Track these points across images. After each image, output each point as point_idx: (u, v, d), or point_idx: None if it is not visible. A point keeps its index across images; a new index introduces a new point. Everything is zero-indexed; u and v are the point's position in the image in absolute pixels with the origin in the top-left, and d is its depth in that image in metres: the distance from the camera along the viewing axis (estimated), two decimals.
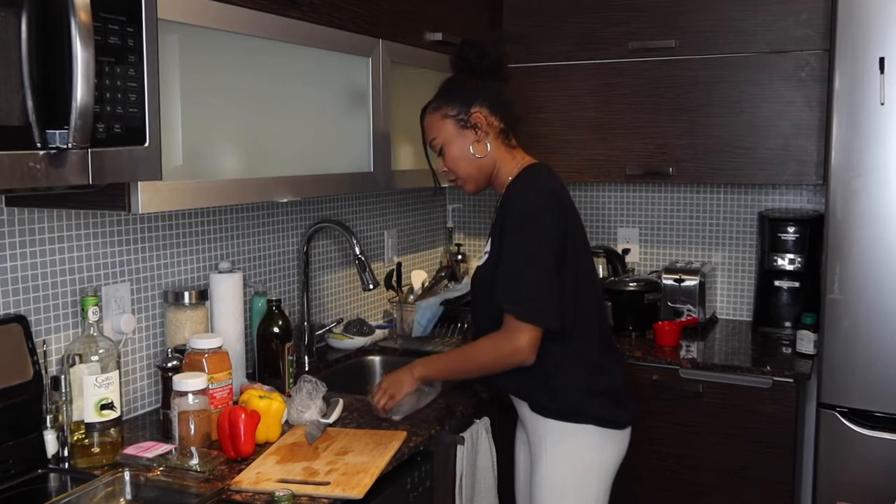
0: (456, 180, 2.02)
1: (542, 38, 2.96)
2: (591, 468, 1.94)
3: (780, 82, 2.66)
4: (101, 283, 1.93)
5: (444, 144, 1.98)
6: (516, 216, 1.86)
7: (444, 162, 2.01)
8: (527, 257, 1.83)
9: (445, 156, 2.00)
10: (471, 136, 1.96)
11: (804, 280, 2.81)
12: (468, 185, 2.01)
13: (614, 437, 1.96)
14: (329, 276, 2.75)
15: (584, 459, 1.94)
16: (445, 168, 2.02)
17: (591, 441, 1.93)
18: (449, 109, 1.97)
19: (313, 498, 1.56)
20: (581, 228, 1.98)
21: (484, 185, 2.02)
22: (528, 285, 1.82)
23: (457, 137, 1.97)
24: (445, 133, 1.97)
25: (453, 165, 1.99)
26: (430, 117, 2.01)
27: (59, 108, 1.26)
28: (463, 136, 1.96)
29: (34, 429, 1.68)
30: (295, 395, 1.96)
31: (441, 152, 2.00)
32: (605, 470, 1.96)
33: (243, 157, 1.87)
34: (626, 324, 2.85)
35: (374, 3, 2.24)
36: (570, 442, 1.93)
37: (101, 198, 1.58)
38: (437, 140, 1.99)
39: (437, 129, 1.99)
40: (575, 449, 1.93)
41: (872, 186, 2.32)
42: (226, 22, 1.73)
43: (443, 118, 1.97)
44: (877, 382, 2.35)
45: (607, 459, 1.96)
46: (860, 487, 2.37)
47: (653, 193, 3.24)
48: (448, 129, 1.97)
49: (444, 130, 1.97)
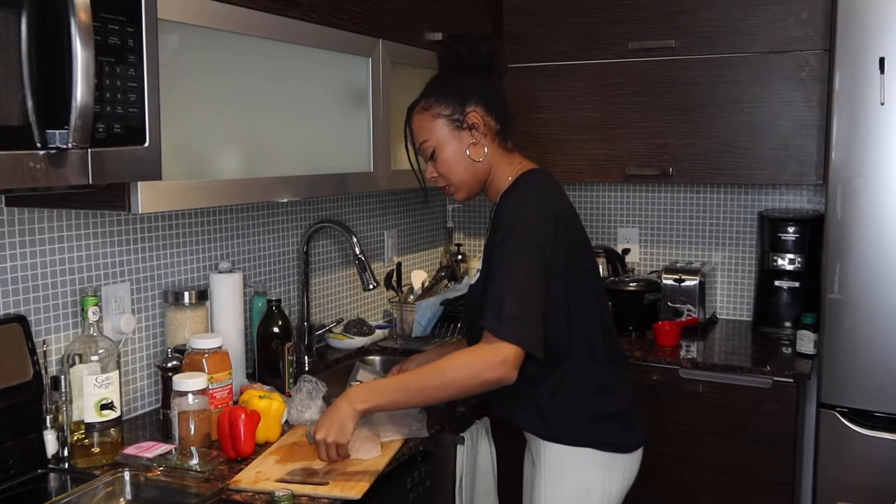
0: (447, 187, 1.82)
1: (542, 38, 2.95)
2: (594, 493, 1.79)
3: (780, 82, 2.66)
4: (101, 283, 1.93)
5: (436, 147, 1.77)
6: (506, 235, 1.68)
7: (435, 166, 1.80)
8: (513, 279, 1.64)
9: (438, 160, 1.78)
10: (467, 138, 1.77)
11: (804, 280, 2.81)
12: (460, 192, 1.81)
13: (621, 461, 1.81)
14: (329, 276, 2.75)
15: (586, 483, 1.78)
16: (436, 174, 1.80)
17: (594, 464, 1.78)
18: (441, 108, 1.76)
19: (313, 498, 1.56)
20: (582, 239, 1.82)
21: (476, 191, 1.83)
22: (511, 305, 1.61)
23: (451, 139, 1.77)
24: (438, 135, 1.77)
25: (446, 170, 1.78)
26: (419, 117, 1.80)
27: (59, 108, 1.26)
28: (458, 137, 1.77)
29: (34, 429, 1.68)
30: (295, 395, 1.96)
31: (433, 156, 1.79)
32: (610, 494, 1.81)
33: (243, 157, 1.87)
34: (626, 324, 2.84)
35: (373, 3, 2.24)
36: (571, 464, 1.78)
37: (101, 198, 1.58)
38: (428, 143, 1.78)
39: (429, 131, 1.78)
40: (575, 472, 1.78)
41: (872, 186, 2.32)
42: (226, 22, 1.73)
43: (434, 118, 1.77)
44: (877, 382, 2.35)
45: (612, 483, 1.80)
46: (860, 487, 2.37)
47: (653, 193, 3.24)
48: (441, 131, 1.76)
49: (436, 132, 1.77)
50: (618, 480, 1.82)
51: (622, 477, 1.83)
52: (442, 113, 1.77)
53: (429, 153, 1.80)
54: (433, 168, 1.81)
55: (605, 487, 1.80)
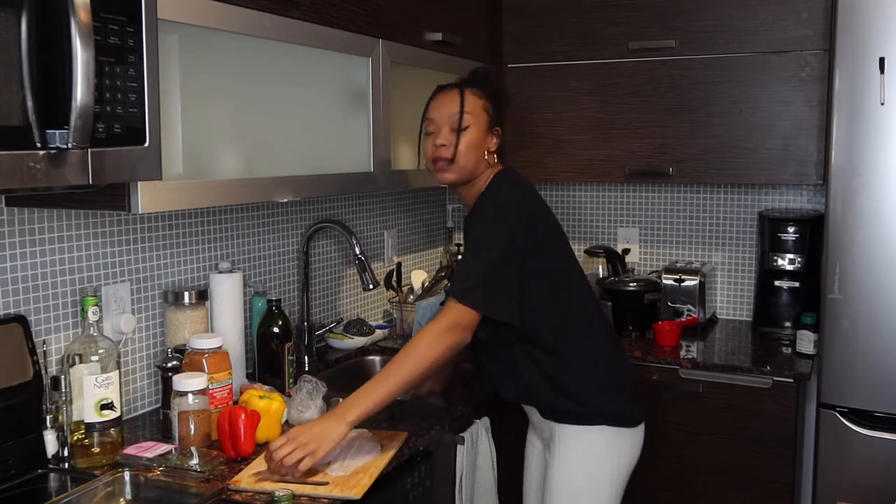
0: (448, 161, 1.96)
1: (542, 38, 2.95)
2: (605, 470, 1.95)
3: (780, 82, 2.66)
4: (101, 283, 1.93)
5: (471, 126, 1.96)
6: (477, 225, 1.92)
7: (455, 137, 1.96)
8: (476, 253, 1.87)
9: (465, 136, 1.96)
10: (490, 141, 2.00)
11: (804, 280, 2.81)
12: (454, 173, 1.98)
13: (628, 437, 1.97)
14: (329, 276, 2.75)
15: (598, 461, 1.95)
16: (451, 144, 1.95)
17: (605, 442, 1.95)
18: (490, 108, 2.00)
19: (313, 498, 1.56)
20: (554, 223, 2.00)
21: (462, 181, 2.00)
22: (473, 273, 1.83)
23: (483, 131, 1.99)
24: (479, 119, 1.98)
25: (465, 147, 1.96)
26: (472, 97, 1.99)
27: (59, 108, 1.26)
28: (487, 135, 2.00)
29: (34, 429, 1.68)
30: (295, 395, 1.96)
31: (461, 129, 1.96)
32: (619, 472, 1.97)
33: (243, 157, 1.87)
34: (626, 324, 2.85)
35: (373, 3, 2.24)
36: (584, 444, 1.95)
37: (102, 198, 1.58)
38: (469, 118, 1.96)
39: (475, 112, 1.98)
40: (588, 451, 1.95)
41: (872, 186, 2.32)
42: (226, 22, 1.74)
43: (483, 109, 1.99)
44: (877, 382, 2.35)
45: (621, 461, 1.97)
46: (860, 487, 2.37)
47: (653, 193, 3.24)
48: (481, 118, 1.98)
49: (478, 117, 1.98)
50: (626, 458, 1.98)
51: (629, 454, 1.99)
52: (489, 110, 2.01)
53: (464, 124, 1.97)
54: (453, 138, 1.96)
55: (615, 466, 1.96)
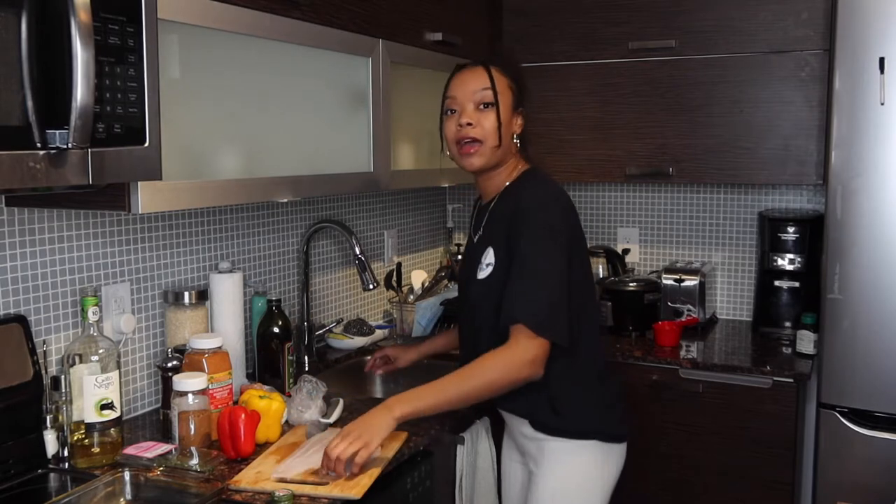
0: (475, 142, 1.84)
1: (542, 38, 2.96)
2: (595, 484, 1.90)
3: (779, 82, 2.66)
4: (101, 283, 1.93)
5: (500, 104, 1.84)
6: (531, 228, 1.77)
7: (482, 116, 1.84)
8: (544, 273, 1.75)
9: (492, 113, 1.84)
10: (515, 122, 1.90)
11: (804, 280, 2.81)
12: (482, 156, 1.84)
13: (616, 451, 1.93)
14: (329, 276, 2.75)
15: (587, 475, 1.89)
16: (472, 121, 1.83)
17: (594, 457, 1.89)
18: (514, 86, 1.89)
19: (313, 498, 1.56)
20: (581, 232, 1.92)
21: (490, 165, 1.87)
22: (543, 300, 1.74)
23: (510, 111, 1.87)
24: (506, 98, 1.86)
25: (491, 127, 1.83)
26: (497, 74, 1.87)
27: (59, 108, 1.26)
28: (512, 115, 1.89)
29: (34, 429, 1.68)
30: (295, 395, 1.96)
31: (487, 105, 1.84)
32: (607, 484, 1.93)
33: (243, 156, 1.87)
34: (626, 324, 2.85)
35: (373, 3, 2.24)
36: (573, 458, 1.89)
37: (101, 198, 1.58)
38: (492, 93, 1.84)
39: (502, 90, 1.85)
40: (577, 465, 1.89)
41: (872, 186, 2.32)
42: (226, 22, 1.74)
43: (508, 87, 1.87)
44: (877, 382, 2.35)
45: (609, 473, 1.92)
46: (860, 487, 2.37)
47: (653, 193, 3.24)
48: (507, 97, 1.86)
49: (505, 95, 1.86)
50: (613, 471, 1.94)
51: (616, 467, 1.94)
52: (513, 88, 1.89)
53: (488, 100, 1.85)
54: (479, 117, 1.85)
55: (604, 479, 1.91)
